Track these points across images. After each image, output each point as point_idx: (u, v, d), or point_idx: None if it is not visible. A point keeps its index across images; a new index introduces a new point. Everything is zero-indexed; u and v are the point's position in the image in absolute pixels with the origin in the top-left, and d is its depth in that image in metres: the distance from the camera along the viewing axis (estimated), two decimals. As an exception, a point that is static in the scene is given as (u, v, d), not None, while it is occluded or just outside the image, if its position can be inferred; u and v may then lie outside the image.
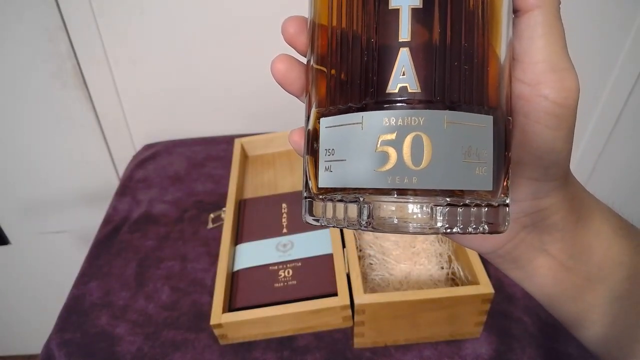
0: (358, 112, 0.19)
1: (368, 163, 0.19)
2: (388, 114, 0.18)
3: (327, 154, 0.20)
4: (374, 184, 0.19)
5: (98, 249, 0.69)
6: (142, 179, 0.81)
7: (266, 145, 0.80)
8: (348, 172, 0.19)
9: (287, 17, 0.23)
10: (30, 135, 0.91)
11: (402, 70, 0.18)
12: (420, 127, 0.18)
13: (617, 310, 0.26)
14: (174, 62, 0.85)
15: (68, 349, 0.56)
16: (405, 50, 0.18)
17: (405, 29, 0.18)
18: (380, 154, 0.18)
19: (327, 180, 0.20)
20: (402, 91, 0.18)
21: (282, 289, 0.55)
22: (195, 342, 0.55)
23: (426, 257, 0.57)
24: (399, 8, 0.18)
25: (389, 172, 0.18)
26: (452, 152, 0.18)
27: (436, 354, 0.53)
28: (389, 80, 0.18)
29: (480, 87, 0.19)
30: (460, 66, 0.19)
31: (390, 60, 0.18)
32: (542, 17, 0.20)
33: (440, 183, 0.18)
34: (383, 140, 0.18)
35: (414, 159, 0.18)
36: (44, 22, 0.78)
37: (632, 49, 0.84)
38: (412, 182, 0.18)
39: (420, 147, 0.18)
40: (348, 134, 0.19)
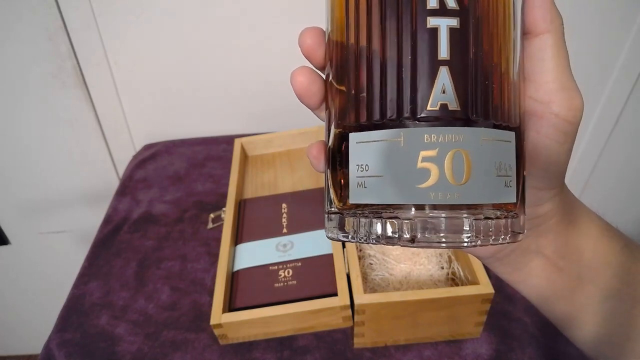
0: (397, 129, 0.19)
1: (409, 180, 0.19)
2: (429, 131, 0.19)
3: (360, 170, 0.20)
4: (416, 201, 0.19)
5: (98, 249, 0.69)
6: (142, 179, 0.81)
7: (266, 145, 0.80)
8: (386, 188, 0.19)
9: (305, 28, 0.23)
10: (30, 135, 0.91)
11: (442, 88, 0.19)
12: (460, 144, 0.19)
13: (607, 309, 0.27)
14: (174, 62, 0.85)
15: (68, 349, 0.56)
16: (445, 68, 0.19)
17: (444, 48, 0.19)
18: (421, 171, 0.19)
19: (361, 197, 0.20)
20: (442, 109, 0.19)
21: (282, 289, 0.55)
22: (195, 342, 0.55)
23: (426, 257, 0.57)
24: (437, 27, 0.19)
25: (430, 188, 0.19)
26: (488, 168, 0.19)
27: (436, 354, 0.53)
28: (429, 98, 0.19)
29: (505, 104, 0.20)
30: (490, 84, 0.20)
31: (430, 78, 0.19)
32: (551, 40, 0.21)
33: (479, 198, 0.19)
34: (424, 156, 0.19)
35: (456, 175, 0.19)
36: (44, 22, 0.78)
37: (632, 49, 0.85)
38: (454, 198, 0.19)
39: (461, 164, 0.19)
40: (385, 150, 0.19)
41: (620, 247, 0.28)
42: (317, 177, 0.72)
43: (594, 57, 0.84)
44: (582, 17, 0.80)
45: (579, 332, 0.29)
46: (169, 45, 0.83)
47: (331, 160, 0.22)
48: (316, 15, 0.90)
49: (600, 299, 0.27)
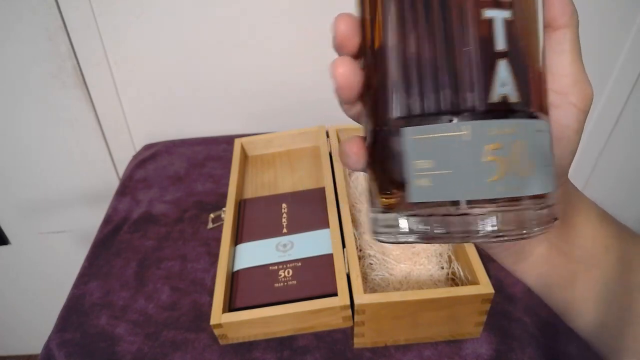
0: (461, 122, 0.19)
1: (477, 174, 0.18)
2: (493, 123, 0.18)
3: (421, 167, 0.19)
4: (487, 195, 0.18)
5: (98, 249, 0.69)
6: (142, 179, 0.81)
7: (266, 145, 0.80)
8: (455, 184, 0.19)
9: (338, 14, 0.21)
10: (30, 135, 0.91)
11: (503, 80, 0.19)
12: (520, 136, 0.19)
13: (609, 293, 0.28)
14: (174, 62, 0.85)
15: (68, 349, 0.56)
16: (503, 61, 0.19)
17: (501, 40, 0.19)
18: (488, 164, 0.18)
19: (426, 194, 0.19)
20: (503, 101, 0.19)
21: (282, 289, 0.55)
22: (195, 342, 0.55)
23: (426, 257, 0.57)
24: (492, 18, 0.19)
25: (498, 182, 0.18)
26: (541, 158, 0.19)
27: (436, 354, 0.53)
28: (490, 90, 0.18)
29: (543, 92, 0.21)
30: (535, 74, 0.20)
31: (490, 70, 0.19)
32: (570, 34, 0.22)
33: (539, 188, 0.19)
34: (489, 150, 0.18)
35: (519, 167, 0.19)
36: (44, 22, 0.78)
37: (632, 49, 0.84)
38: (520, 190, 0.19)
39: (524, 156, 0.19)
40: (449, 144, 0.19)
41: (617, 231, 0.29)
42: (317, 177, 0.72)
43: (593, 57, 0.84)
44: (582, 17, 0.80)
45: (581, 318, 0.29)
46: (169, 45, 0.83)
47: (377, 157, 0.21)
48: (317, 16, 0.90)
49: (602, 283, 0.28)
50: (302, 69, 0.86)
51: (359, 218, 0.63)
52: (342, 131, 0.75)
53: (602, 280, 0.28)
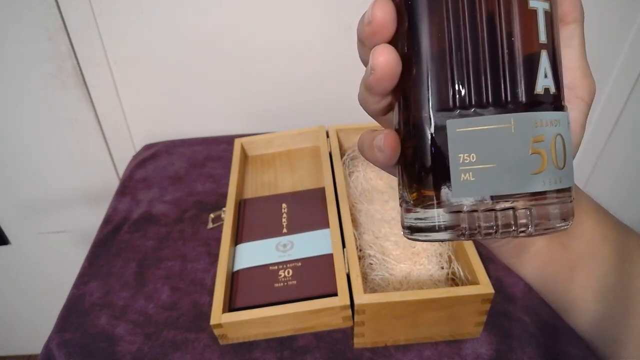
0: (507, 114, 0.18)
1: (522, 167, 0.18)
2: (538, 115, 0.18)
3: (465, 160, 0.19)
4: (532, 188, 0.18)
5: (98, 249, 0.69)
6: (142, 179, 0.81)
7: (266, 145, 0.80)
8: (500, 178, 0.18)
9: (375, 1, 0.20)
10: (30, 135, 0.91)
11: (545, 72, 0.18)
12: (559, 129, 0.19)
13: (607, 285, 0.28)
14: (174, 62, 0.85)
15: (68, 349, 0.56)
16: (545, 52, 0.18)
17: (543, 31, 0.19)
18: (534, 157, 0.18)
19: (469, 189, 0.19)
20: (546, 93, 0.18)
21: (282, 289, 0.55)
22: (195, 342, 0.55)
23: (426, 257, 0.57)
24: (536, 9, 0.18)
25: (542, 175, 0.18)
26: (570, 151, 0.20)
27: (436, 354, 0.53)
28: (535, 82, 0.18)
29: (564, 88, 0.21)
30: (562, 69, 0.20)
31: (534, 61, 0.18)
32: (579, 30, 0.23)
33: (570, 180, 0.19)
34: (535, 142, 0.18)
35: (559, 160, 0.18)
36: (44, 22, 0.78)
37: (632, 48, 0.84)
38: (560, 183, 0.18)
39: (561, 148, 0.19)
40: (496, 137, 0.18)
41: (613, 223, 0.29)
42: (317, 177, 0.72)
43: (593, 57, 0.84)
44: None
45: (579, 312, 0.30)
46: (169, 46, 0.83)
47: (415, 152, 0.20)
48: (317, 16, 0.90)
49: (600, 274, 0.28)
50: (302, 69, 0.86)
51: (359, 218, 0.63)
52: (342, 131, 0.75)
53: (600, 270, 0.28)
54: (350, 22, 0.79)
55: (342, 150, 0.75)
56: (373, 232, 0.61)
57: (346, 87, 0.88)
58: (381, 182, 0.68)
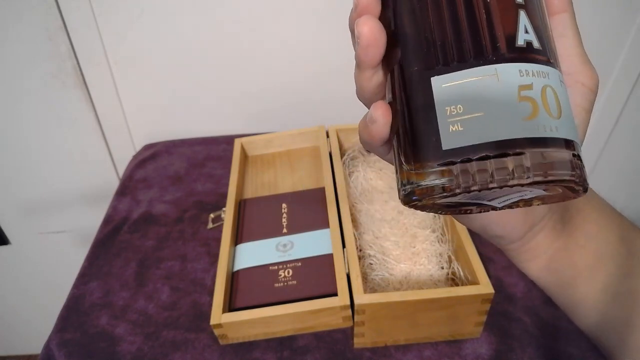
0: (490, 65, 0.19)
1: (513, 113, 0.18)
2: (522, 66, 0.19)
3: (452, 112, 0.19)
4: (526, 134, 0.18)
5: (98, 249, 0.69)
6: (142, 179, 0.82)
7: (266, 145, 0.80)
8: (490, 125, 0.18)
9: None
10: (30, 135, 0.91)
11: (525, 28, 0.19)
12: (548, 81, 0.19)
13: (616, 283, 0.29)
14: (174, 62, 0.85)
15: (68, 349, 0.56)
16: (523, 11, 0.20)
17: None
18: (523, 104, 0.18)
19: (459, 140, 0.19)
20: (529, 46, 0.19)
21: (282, 289, 0.55)
22: (195, 342, 0.55)
23: (426, 257, 0.57)
24: None
25: (535, 121, 0.18)
26: (568, 107, 0.20)
27: (436, 354, 0.53)
28: (516, 35, 0.19)
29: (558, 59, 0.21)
30: (549, 34, 0.21)
31: (513, 19, 0.19)
32: (569, 18, 0.23)
33: (570, 133, 0.19)
34: (522, 91, 0.18)
35: (552, 109, 0.19)
36: (44, 22, 0.78)
37: (632, 48, 0.85)
38: (555, 131, 0.19)
39: (553, 99, 0.19)
40: (481, 87, 0.19)
41: (616, 215, 0.30)
42: (316, 177, 0.72)
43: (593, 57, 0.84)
44: (582, 16, 0.80)
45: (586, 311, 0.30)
46: (169, 46, 0.83)
47: (406, 118, 0.21)
48: (317, 16, 0.90)
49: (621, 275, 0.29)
50: (302, 69, 0.86)
51: (359, 218, 0.63)
52: (342, 131, 0.75)
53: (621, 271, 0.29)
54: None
55: (342, 150, 0.75)
56: (373, 232, 0.61)
57: (346, 87, 0.88)
58: (381, 182, 0.68)
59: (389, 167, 0.70)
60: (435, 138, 0.19)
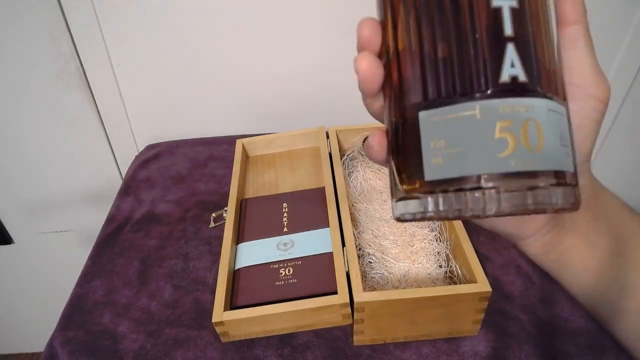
0: (472, 102, 0.20)
1: (489, 149, 0.19)
2: (503, 102, 0.20)
3: (435, 147, 0.21)
4: (499, 169, 0.19)
5: (101, 247, 0.69)
6: (145, 179, 0.82)
7: (267, 145, 0.81)
8: (467, 160, 0.20)
9: (361, 20, 0.23)
10: (33, 136, 0.92)
11: (511, 62, 0.20)
12: (532, 114, 0.20)
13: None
14: (177, 63, 0.85)
15: (71, 346, 0.56)
16: (511, 44, 0.20)
17: (508, 26, 0.20)
18: (500, 140, 0.19)
19: (439, 172, 0.20)
20: (513, 81, 0.20)
21: (282, 287, 0.56)
22: (197, 340, 0.56)
23: (424, 255, 0.58)
24: (501, 7, 0.20)
25: (511, 156, 0.19)
26: (555, 137, 0.20)
27: (434, 352, 0.54)
28: (500, 72, 0.20)
29: (559, 79, 0.22)
30: (546, 60, 0.21)
31: (499, 53, 0.20)
32: (582, 31, 0.24)
33: (552, 164, 0.20)
34: (501, 126, 0.19)
35: (532, 143, 0.19)
36: (47, 23, 0.78)
37: (630, 46, 0.85)
38: (533, 164, 0.19)
39: (534, 132, 0.20)
40: (462, 123, 0.20)
41: (637, 216, 0.31)
42: (317, 177, 0.73)
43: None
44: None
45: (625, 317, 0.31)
46: (171, 47, 0.83)
47: (398, 144, 0.23)
48: (318, 17, 0.91)
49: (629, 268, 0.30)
50: (303, 71, 0.86)
51: (358, 217, 0.64)
52: (341, 132, 0.76)
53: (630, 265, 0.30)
54: (350, 25, 0.80)
55: (342, 150, 0.76)
56: (372, 231, 0.61)
57: (346, 88, 0.89)
58: (380, 182, 0.69)
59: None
60: (420, 168, 0.21)
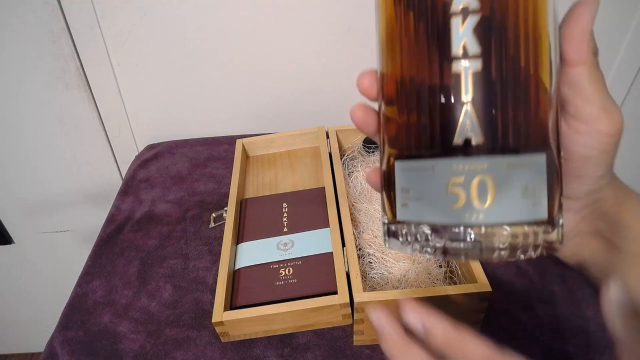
0: (429, 159, 0.22)
1: (442, 202, 0.22)
2: (456, 161, 0.21)
3: (403, 192, 0.24)
4: (448, 220, 0.22)
5: (101, 247, 0.69)
6: (145, 179, 0.82)
7: (267, 145, 0.81)
8: (424, 209, 0.23)
9: (362, 72, 0.26)
10: (34, 136, 0.92)
11: (467, 124, 0.21)
12: (485, 171, 0.21)
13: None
14: (176, 63, 0.85)
15: (71, 346, 0.56)
16: (468, 106, 0.21)
17: (467, 90, 0.21)
18: (451, 195, 0.22)
19: (405, 215, 0.24)
20: (467, 142, 0.21)
21: (282, 287, 0.56)
22: (197, 340, 0.56)
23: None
24: (461, 72, 0.21)
25: (459, 210, 0.22)
26: (512, 191, 0.21)
27: (434, 352, 0.54)
28: (455, 133, 0.21)
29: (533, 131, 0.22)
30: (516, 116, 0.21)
31: (456, 115, 0.21)
32: (587, 72, 0.23)
33: (502, 217, 0.21)
34: (453, 183, 0.22)
35: (480, 199, 0.21)
36: (47, 24, 0.79)
37: (630, 45, 0.85)
38: (479, 219, 0.22)
39: (484, 189, 0.21)
40: (422, 177, 0.22)
41: None
42: (317, 177, 0.73)
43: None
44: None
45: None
46: (171, 47, 0.83)
47: (384, 182, 0.26)
48: (318, 17, 0.90)
49: None
50: (303, 71, 0.86)
51: (358, 217, 0.64)
52: (341, 132, 0.76)
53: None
54: (351, 25, 0.80)
55: (342, 150, 0.76)
56: (372, 231, 0.61)
57: (346, 88, 0.89)
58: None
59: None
60: (393, 208, 0.24)
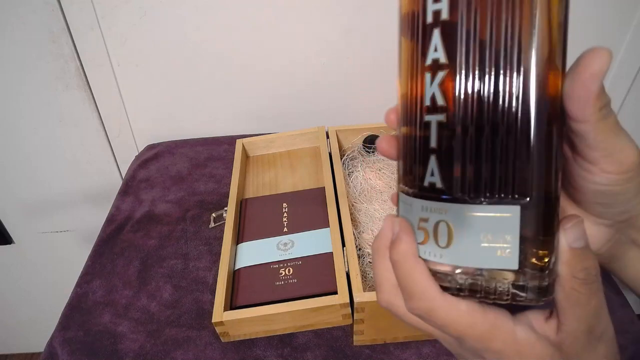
0: (410, 197, 0.25)
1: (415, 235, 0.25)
2: (423, 202, 0.24)
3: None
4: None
5: (101, 248, 0.69)
6: (145, 179, 0.82)
7: (267, 145, 0.81)
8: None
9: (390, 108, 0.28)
10: (34, 136, 0.92)
11: (431, 171, 0.23)
12: (446, 216, 0.23)
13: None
14: (176, 63, 0.85)
15: (71, 346, 0.56)
16: (434, 155, 0.23)
17: (434, 139, 0.23)
18: (419, 232, 0.24)
19: None
20: (431, 187, 0.23)
21: (282, 287, 0.56)
22: (197, 340, 0.56)
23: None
24: (430, 121, 0.23)
25: (424, 247, 0.24)
26: (471, 238, 0.23)
27: (434, 352, 0.54)
28: (423, 178, 0.24)
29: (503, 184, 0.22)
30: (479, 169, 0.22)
31: (425, 161, 0.24)
32: (590, 127, 0.22)
33: (461, 261, 0.23)
34: (421, 221, 0.24)
35: (441, 240, 0.23)
36: (48, 24, 0.79)
37: (630, 45, 0.85)
38: (438, 258, 0.24)
39: (444, 232, 0.23)
40: (408, 210, 0.25)
41: None
42: (316, 177, 0.73)
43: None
44: (580, 13, 0.81)
45: None
46: (171, 47, 0.83)
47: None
48: (318, 17, 0.90)
49: None
50: (303, 71, 0.86)
51: (358, 217, 0.64)
52: (341, 132, 0.76)
53: None
54: (351, 25, 0.80)
55: (342, 150, 0.76)
56: (372, 230, 0.61)
57: (346, 89, 0.89)
58: (380, 182, 0.69)
59: (388, 167, 0.70)
60: None
